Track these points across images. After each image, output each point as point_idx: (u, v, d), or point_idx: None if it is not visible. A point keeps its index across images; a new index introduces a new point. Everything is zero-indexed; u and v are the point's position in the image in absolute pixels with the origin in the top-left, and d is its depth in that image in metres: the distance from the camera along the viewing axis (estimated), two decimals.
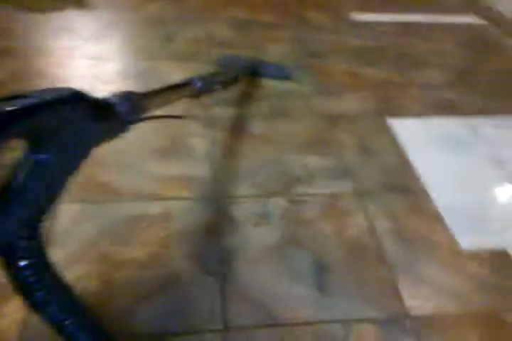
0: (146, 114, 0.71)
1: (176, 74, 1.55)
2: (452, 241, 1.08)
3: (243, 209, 1.09)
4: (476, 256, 1.05)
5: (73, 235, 0.97)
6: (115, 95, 0.64)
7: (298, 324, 0.88)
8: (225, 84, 1.26)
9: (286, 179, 1.19)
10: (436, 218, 1.13)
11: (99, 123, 0.55)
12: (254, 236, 1.04)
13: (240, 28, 1.94)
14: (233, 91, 1.46)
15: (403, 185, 1.23)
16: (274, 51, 1.80)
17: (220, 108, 1.40)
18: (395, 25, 2.09)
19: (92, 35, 1.75)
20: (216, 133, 1.31)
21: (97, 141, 0.55)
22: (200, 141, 1.27)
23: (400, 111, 1.53)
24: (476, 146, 1.40)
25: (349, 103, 1.54)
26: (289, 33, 1.94)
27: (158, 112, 0.77)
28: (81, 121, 0.51)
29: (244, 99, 1.48)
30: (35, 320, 0.79)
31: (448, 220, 1.13)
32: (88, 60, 1.61)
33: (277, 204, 1.11)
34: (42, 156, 0.47)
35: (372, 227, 1.09)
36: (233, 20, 1.99)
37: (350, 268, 0.99)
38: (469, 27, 2.15)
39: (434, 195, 1.20)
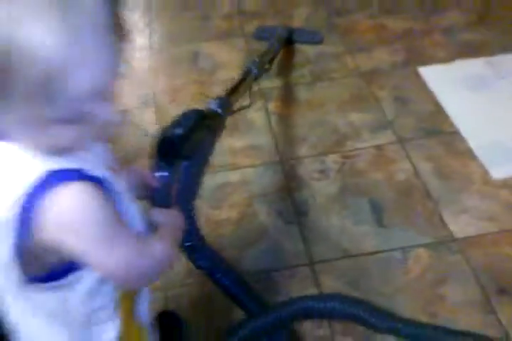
0: (231, 110, 0.94)
1: (221, 53, 1.74)
2: (485, 173, 1.28)
3: (305, 168, 1.32)
4: (506, 184, 1.25)
5: None
6: (213, 101, 0.85)
7: (367, 253, 1.13)
8: (272, 60, 1.45)
9: (336, 137, 1.40)
10: (469, 155, 1.33)
11: (214, 128, 0.78)
12: (319, 189, 1.27)
13: None
14: (275, 63, 1.64)
15: (438, 129, 1.42)
16: (300, 15, 1.93)
17: (267, 80, 1.59)
18: None
19: (131, 26, 1.93)
20: (269, 104, 1.52)
21: (215, 141, 0.78)
22: (257, 114, 1.48)
23: (428, 59, 1.67)
24: (502, 84, 1.55)
25: (379, 57, 1.69)
26: None
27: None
28: (206, 131, 0.73)
29: (286, 69, 1.67)
30: None
31: (479, 155, 1.32)
32: (137, 51, 1.80)
33: (333, 160, 1.33)
34: (188, 163, 0.70)
35: (416, 170, 1.30)
36: None
37: (403, 205, 1.22)
38: None
39: (465, 134, 1.39)
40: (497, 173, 1.29)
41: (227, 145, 1.37)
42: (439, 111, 1.47)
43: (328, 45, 1.76)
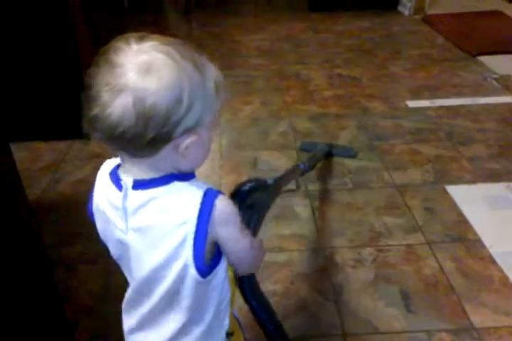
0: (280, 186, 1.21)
1: (276, 160, 2.06)
2: (503, 276, 1.44)
3: (343, 257, 1.52)
4: None
5: None
6: (269, 179, 1.13)
7: (394, 332, 1.27)
8: (313, 166, 1.75)
9: (372, 234, 1.62)
10: (490, 259, 1.50)
11: (268, 192, 1.05)
12: (354, 275, 1.45)
13: (316, 120, 2.46)
14: (317, 170, 1.93)
15: (462, 236, 1.62)
16: (345, 136, 2.28)
17: (313, 184, 1.87)
18: (443, 108, 2.54)
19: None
20: (313, 202, 1.78)
21: (270, 202, 1.05)
22: (303, 209, 1.74)
23: (455, 180, 1.93)
24: None
25: (412, 175, 1.97)
26: (354, 121, 2.43)
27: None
28: (262, 191, 1.00)
29: (327, 177, 1.95)
30: None
31: (499, 261, 1.50)
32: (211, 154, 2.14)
33: (368, 252, 1.53)
34: (250, 211, 0.95)
35: (441, 267, 1.48)
36: (310, 114, 2.52)
37: (429, 295, 1.38)
38: (506, 105, 2.57)
39: (486, 242, 1.58)
40: None
41: (275, 230, 1.60)
42: (463, 221, 1.68)
43: (368, 161, 2.06)
